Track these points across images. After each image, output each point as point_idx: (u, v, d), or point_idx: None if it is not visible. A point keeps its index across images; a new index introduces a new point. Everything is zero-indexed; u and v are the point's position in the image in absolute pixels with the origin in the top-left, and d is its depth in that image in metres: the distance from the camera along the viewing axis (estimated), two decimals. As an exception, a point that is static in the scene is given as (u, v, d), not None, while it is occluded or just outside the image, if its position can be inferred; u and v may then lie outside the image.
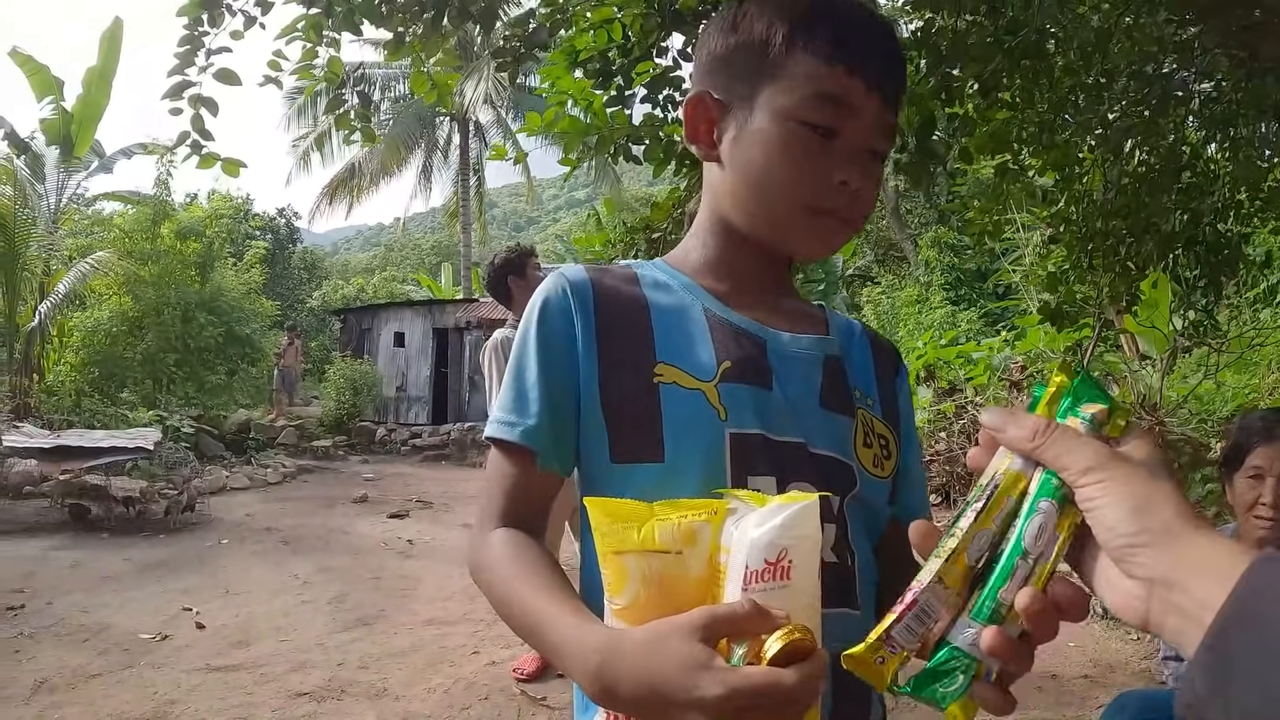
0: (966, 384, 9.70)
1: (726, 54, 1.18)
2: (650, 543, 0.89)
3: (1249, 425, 2.73)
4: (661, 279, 1.21)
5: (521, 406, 1.13)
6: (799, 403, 1.12)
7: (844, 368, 1.22)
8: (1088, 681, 4.82)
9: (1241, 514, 2.68)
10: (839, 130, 1.10)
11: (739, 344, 1.14)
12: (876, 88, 1.11)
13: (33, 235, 15.22)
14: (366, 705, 4.70)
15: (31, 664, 5.41)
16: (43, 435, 11.18)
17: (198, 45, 3.16)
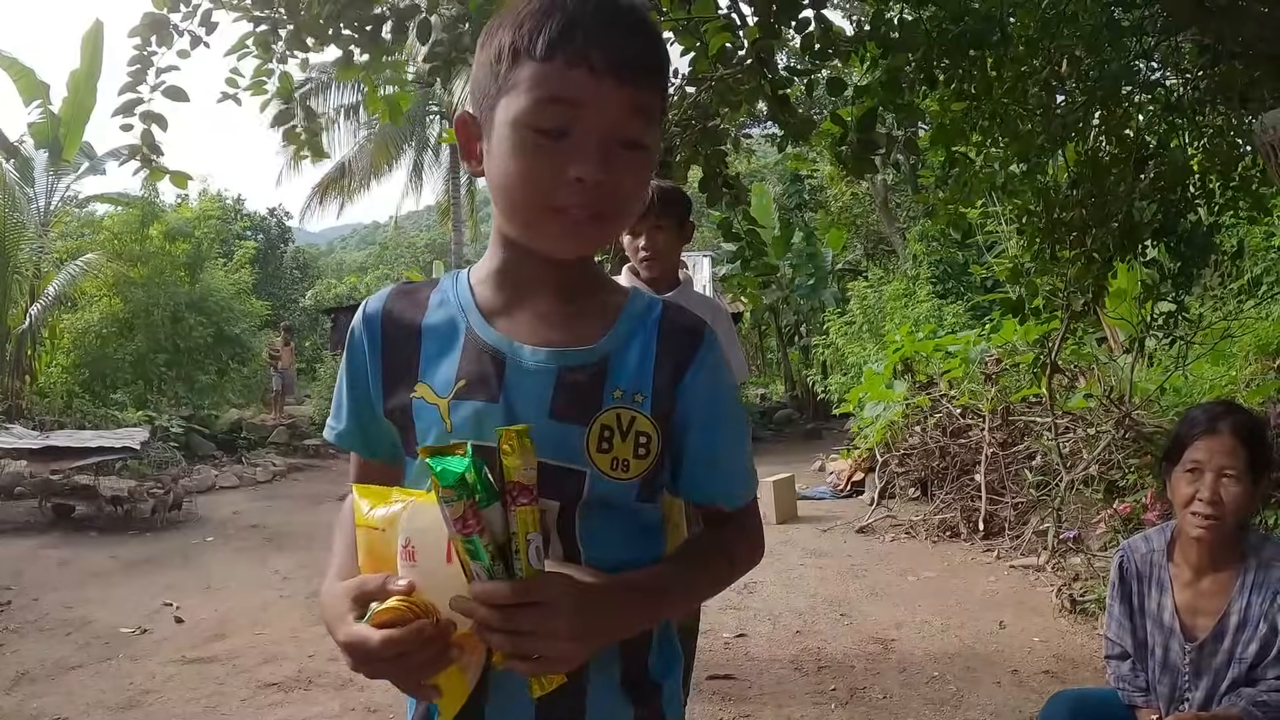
0: (942, 377, 9.73)
1: (477, 72, 1.22)
2: (369, 521, 1.14)
3: (1191, 418, 2.65)
4: (449, 297, 1.31)
5: (336, 414, 1.38)
6: (525, 416, 1.19)
7: (591, 374, 1.23)
8: (1048, 676, 4.78)
9: (1179, 510, 2.59)
10: (569, 128, 1.11)
11: (479, 362, 1.24)
12: (609, 73, 1.10)
13: (23, 238, 15.28)
14: (332, 695, 4.77)
15: (14, 656, 5.53)
16: (32, 436, 11.26)
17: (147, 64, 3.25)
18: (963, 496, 8.61)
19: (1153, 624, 2.69)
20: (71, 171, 16.91)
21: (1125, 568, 2.75)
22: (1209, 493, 2.48)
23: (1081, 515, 7.23)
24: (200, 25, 3.29)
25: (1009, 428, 8.71)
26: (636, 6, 1.17)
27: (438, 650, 1.04)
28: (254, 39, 3.46)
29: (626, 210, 1.23)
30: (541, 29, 1.10)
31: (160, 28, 3.31)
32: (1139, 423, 7.41)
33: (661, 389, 1.24)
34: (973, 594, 6.43)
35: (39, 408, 14.78)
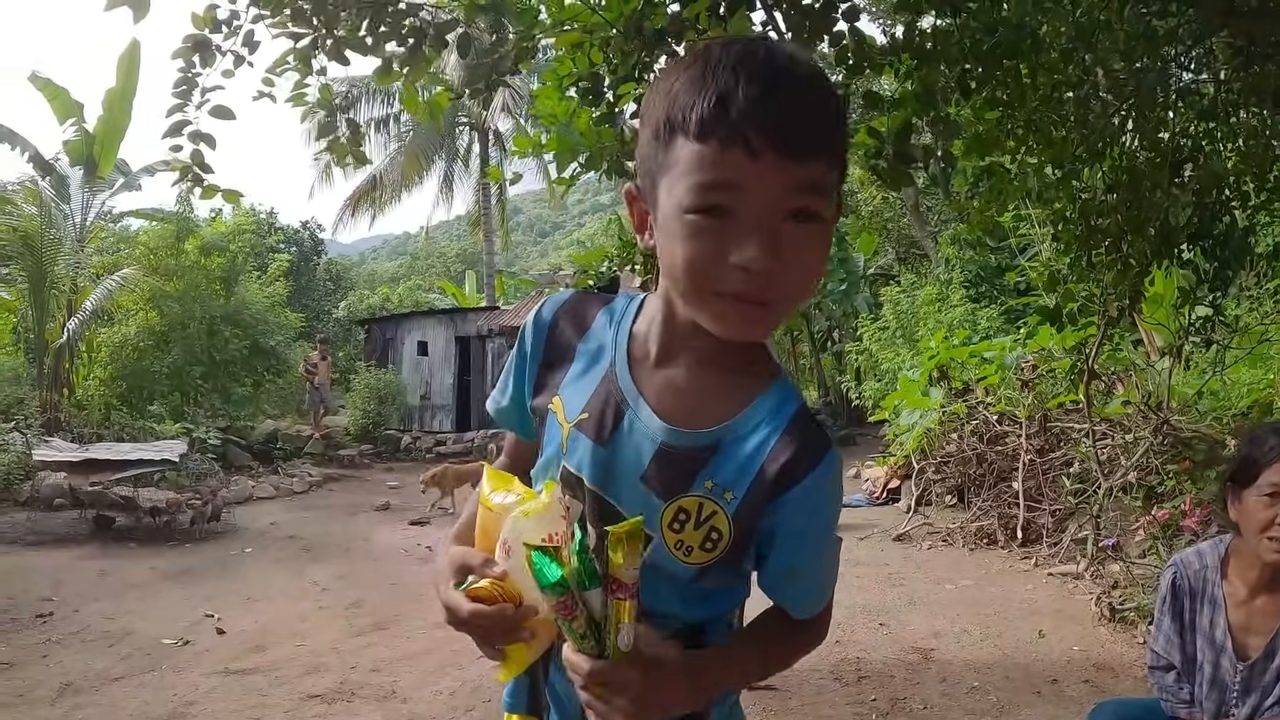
0: (978, 384, 9.68)
1: (641, 145, 1.17)
2: (488, 502, 1.29)
3: (1263, 439, 2.55)
4: (609, 326, 1.35)
5: (502, 390, 1.46)
6: (623, 468, 1.25)
7: (691, 455, 1.23)
8: (1088, 687, 4.76)
9: (1254, 534, 2.50)
10: (733, 209, 1.05)
11: (605, 402, 1.28)
12: (771, 150, 1.02)
13: (60, 254, 15.46)
14: (374, 707, 4.79)
15: (58, 668, 5.56)
16: (71, 449, 11.38)
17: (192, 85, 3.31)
18: (1000, 504, 8.57)
19: (1203, 640, 2.66)
20: (107, 188, 17.07)
21: (1178, 584, 2.72)
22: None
23: (1120, 522, 7.18)
24: (243, 45, 3.34)
25: (1046, 434, 8.67)
26: (798, 67, 1.08)
27: (513, 629, 1.19)
28: (294, 54, 3.51)
29: (801, 290, 1.15)
30: (694, 106, 1.05)
31: (203, 49, 3.37)
32: (1177, 428, 7.34)
33: (757, 495, 1.22)
34: (1011, 602, 6.40)
35: (77, 420, 14.93)
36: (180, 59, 3.30)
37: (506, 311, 21.01)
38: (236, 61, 3.32)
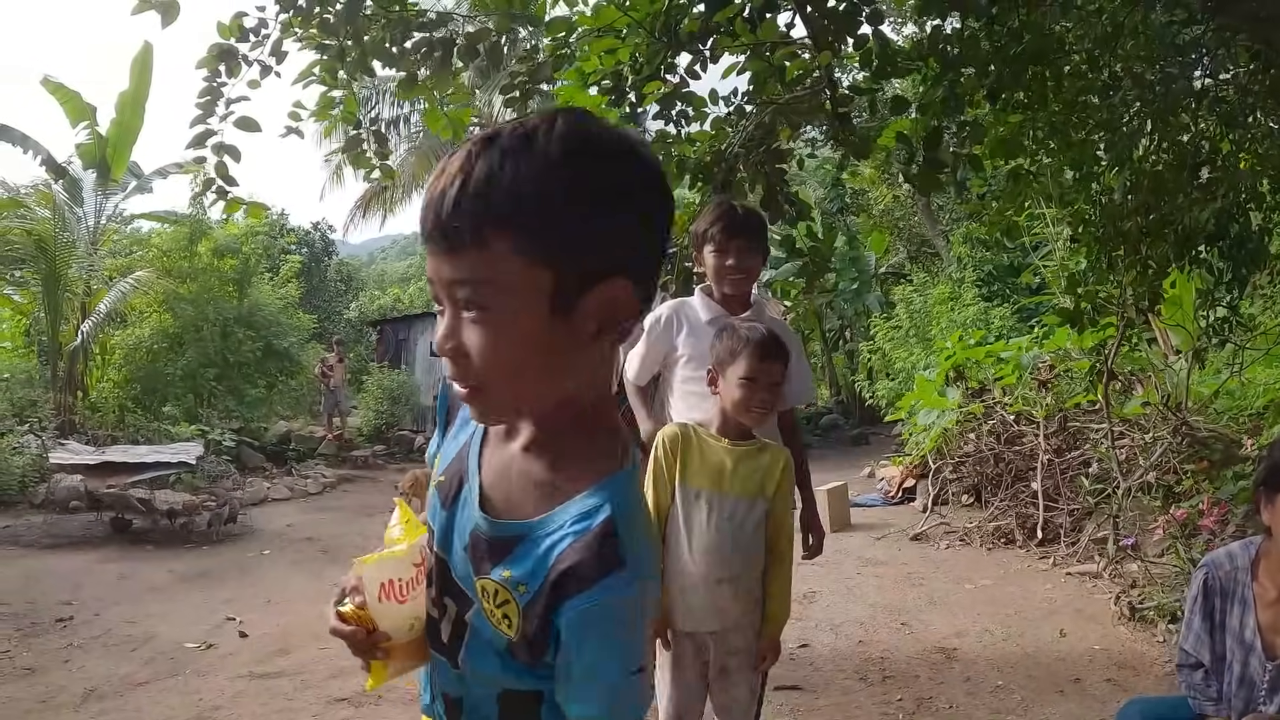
0: (995, 384, 9.67)
1: None
2: (387, 534, 1.40)
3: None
4: None
5: (434, 436, 1.54)
6: (456, 535, 1.31)
7: (498, 544, 1.23)
8: (1111, 685, 4.77)
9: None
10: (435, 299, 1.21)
11: (456, 472, 1.36)
12: (434, 243, 1.14)
13: (73, 256, 15.50)
14: (402, 710, 4.80)
15: (81, 673, 5.56)
16: (88, 451, 11.42)
17: (217, 95, 3.31)
18: (1018, 503, 8.57)
19: (1233, 640, 2.68)
20: (119, 191, 17.10)
21: (1210, 584, 2.73)
22: None
23: (1138, 522, 7.17)
24: (270, 55, 3.34)
25: (1064, 434, 8.66)
26: (495, 150, 1.12)
27: (367, 650, 1.33)
28: (320, 66, 3.51)
29: (484, 373, 1.17)
30: None
31: (229, 58, 3.37)
32: (1194, 428, 7.34)
33: (542, 597, 1.17)
34: (1031, 602, 6.40)
35: (92, 422, 14.98)
36: (205, 68, 3.29)
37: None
38: (263, 72, 3.32)
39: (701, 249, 3.55)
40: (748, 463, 2.88)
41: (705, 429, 2.93)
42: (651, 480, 2.88)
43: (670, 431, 2.93)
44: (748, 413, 2.83)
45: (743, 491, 2.86)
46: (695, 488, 2.87)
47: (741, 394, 2.80)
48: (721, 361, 2.87)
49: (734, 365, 2.82)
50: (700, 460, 2.88)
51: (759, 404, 2.82)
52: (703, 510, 2.85)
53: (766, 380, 2.80)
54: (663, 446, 2.90)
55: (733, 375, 2.82)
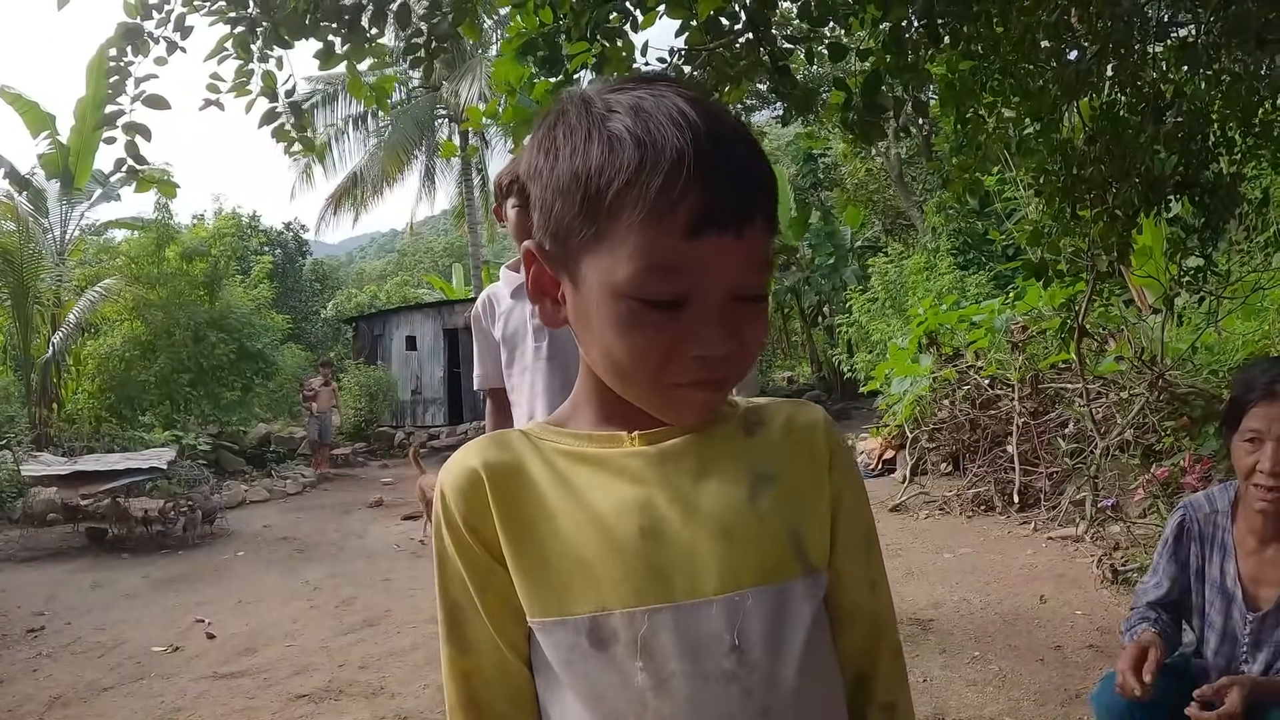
0: (968, 348, 9.60)
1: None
2: None
3: (1248, 380, 2.44)
4: None
5: None
6: None
7: None
8: (1093, 652, 4.66)
9: (1241, 481, 2.43)
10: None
11: None
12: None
13: (41, 268, 15.35)
14: (363, 704, 4.73)
15: (48, 681, 5.53)
16: (60, 463, 11.30)
17: (125, 74, 3.22)
18: (995, 469, 8.51)
19: (1212, 589, 2.54)
20: (85, 199, 16.94)
21: (1186, 527, 2.58)
22: (1270, 463, 2.30)
23: (1119, 482, 7.11)
24: (175, 31, 3.23)
25: (1039, 396, 8.59)
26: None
27: None
28: (232, 40, 3.40)
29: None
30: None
31: (135, 36, 3.27)
32: (1172, 383, 7.27)
33: None
34: (1011, 568, 6.33)
35: (67, 434, 14.89)
36: (113, 48, 3.20)
37: (493, 302, 20.96)
38: (170, 48, 3.22)
39: (503, 203, 3.13)
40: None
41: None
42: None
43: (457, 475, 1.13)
44: None
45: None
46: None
47: None
48: None
49: None
50: None
51: None
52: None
53: None
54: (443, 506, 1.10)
55: None
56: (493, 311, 3.32)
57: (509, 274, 3.32)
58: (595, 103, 0.93)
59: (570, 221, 0.92)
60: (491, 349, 3.33)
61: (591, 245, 0.92)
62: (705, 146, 0.87)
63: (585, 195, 0.90)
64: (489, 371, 3.37)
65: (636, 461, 0.99)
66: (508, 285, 3.28)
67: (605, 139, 0.89)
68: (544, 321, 1.03)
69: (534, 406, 3.13)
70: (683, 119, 0.88)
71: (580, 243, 0.92)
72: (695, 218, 0.87)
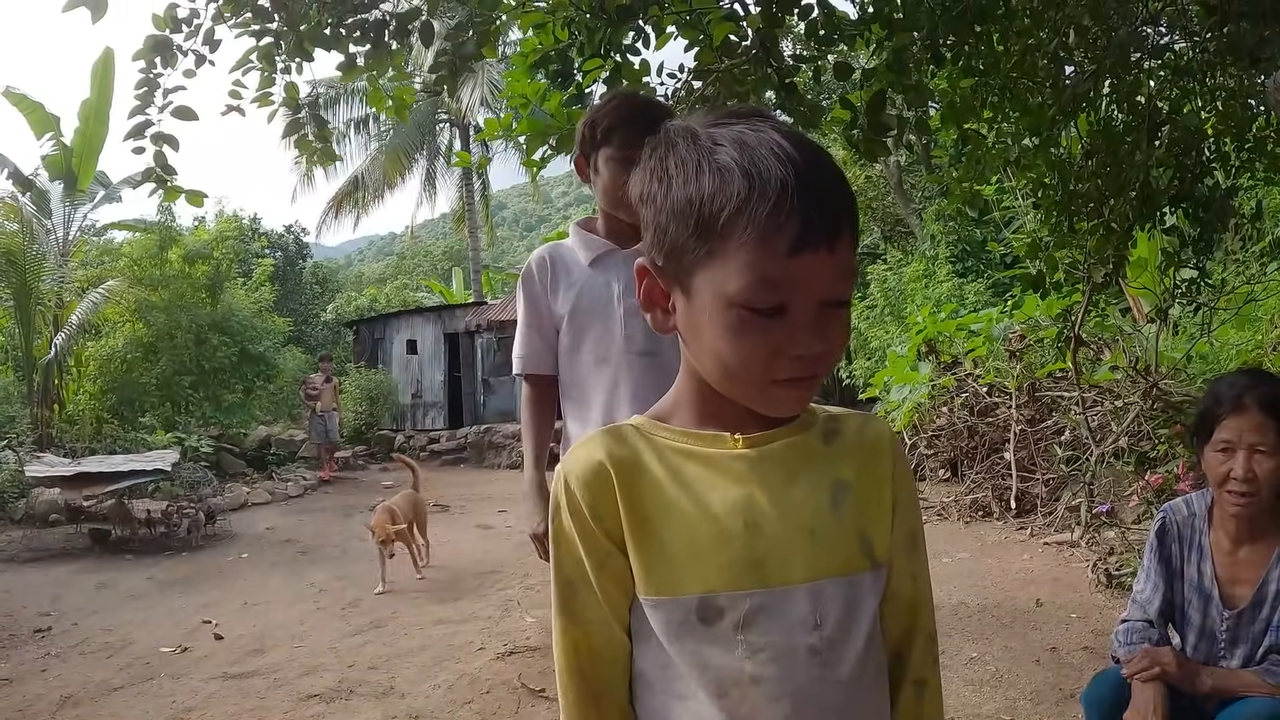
0: (966, 356, 9.69)
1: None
2: None
3: (1217, 393, 2.59)
4: None
5: None
6: None
7: None
8: (1088, 653, 4.75)
9: (1215, 489, 2.58)
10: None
11: None
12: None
13: (44, 269, 15.39)
14: (373, 704, 4.80)
15: (57, 681, 5.57)
16: (64, 464, 11.35)
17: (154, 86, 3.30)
18: (993, 475, 8.60)
19: (1190, 589, 2.68)
20: (87, 201, 16.99)
21: (1166, 529, 2.74)
22: (1242, 470, 2.45)
23: (1113, 489, 7.19)
24: (204, 44, 3.33)
25: (1036, 404, 8.69)
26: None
27: None
28: (257, 53, 3.50)
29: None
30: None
31: (164, 49, 3.36)
32: (1166, 392, 7.37)
33: None
34: (1008, 573, 6.42)
35: (69, 435, 14.92)
36: (142, 60, 3.29)
37: (494, 306, 21.04)
38: (198, 61, 3.31)
39: (593, 155, 2.63)
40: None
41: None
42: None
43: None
44: None
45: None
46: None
47: None
48: None
49: None
50: None
51: None
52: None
53: None
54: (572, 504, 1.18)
55: None
56: (556, 277, 2.73)
57: (584, 234, 2.76)
58: (701, 136, 1.08)
59: (684, 242, 1.07)
60: (544, 325, 2.74)
61: (704, 262, 1.06)
62: (803, 177, 1.02)
63: (699, 219, 1.05)
64: (536, 352, 2.77)
65: (740, 463, 1.14)
66: (585, 249, 2.72)
67: (716, 170, 1.04)
68: (655, 328, 1.18)
69: (614, 407, 2.61)
70: (782, 152, 1.03)
71: (693, 260, 1.07)
72: (795, 240, 1.01)
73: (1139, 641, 2.68)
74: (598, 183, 2.63)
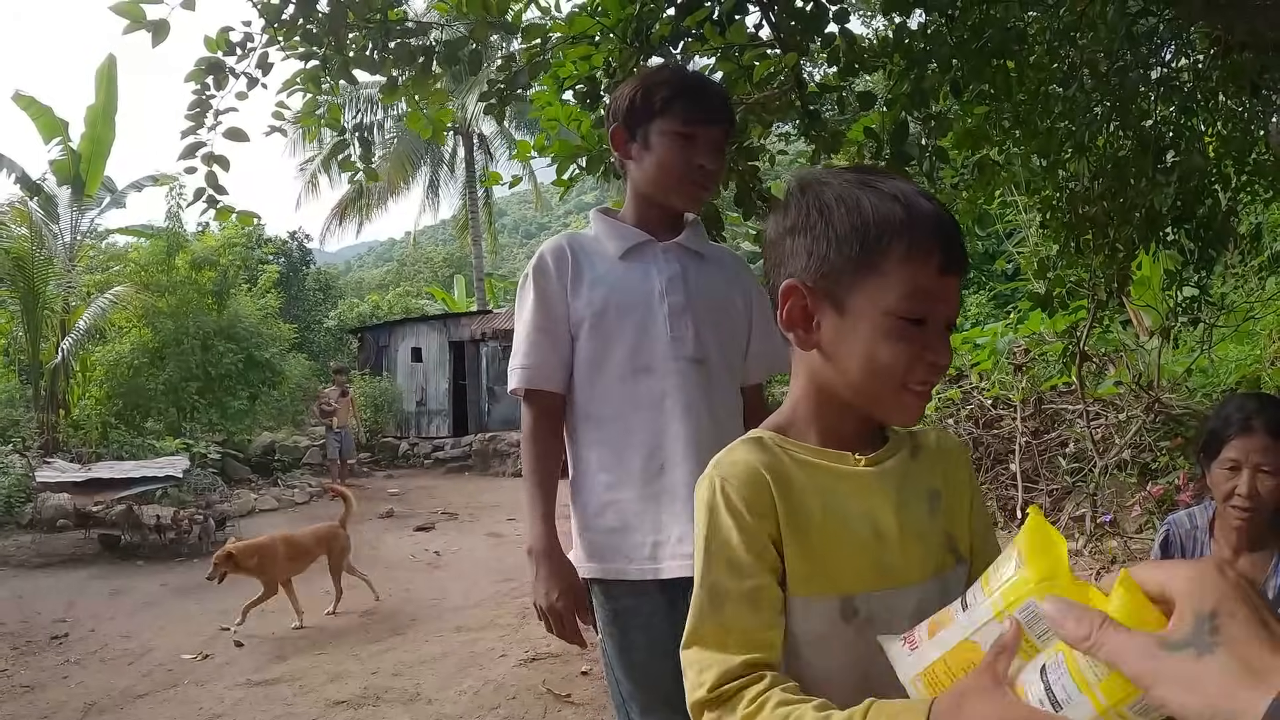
0: (971, 369, 9.80)
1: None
2: None
3: (1226, 415, 2.71)
4: None
5: None
6: None
7: None
8: (1091, 660, 4.87)
9: (1219, 503, 2.70)
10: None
11: None
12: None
13: (51, 274, 15.45)
14: (401, 709, 4.90)
15: (80, 688, 5.63)
16: (74, 469, 11.41)
17: (206, 107, 3.40)
18: (999, 486, 8.69)
19: None
20: (94, 206, 17.07)
21: (1170, 540, 2.89)
22: (1247, 489, 2.57)
23: (1116, 499, 7.30)
24: (257, 67, 3.44)
25: (1041, 417, 8.79)
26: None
27: None
28: (303, 75, 3.61)
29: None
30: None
31: (216, 71, 3.46)
32: (1168, 406, 7.49)
33: None
34: (1012, 583, 6.50)
35: (74, 440, 14.98)
36: (194, 81, 3.39)
37: (499, 315, 21.10)
38: (250, 83, 3.42)
39: (643, 128, 2.27)
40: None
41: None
42: None
43: None
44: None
45: None
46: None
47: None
48: None
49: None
50: None
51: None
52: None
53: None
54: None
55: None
56: (580, 272, 2.30)
57: (612, 223, 2.39)
58: (848, 175, 1.30)
59: (845, 263, 1.24)
60: (559, 330, 2.28)
61: (863, 279, 1.23)
62: (944, 215, 1.25)
63: (864, 241, 1.23)
64: (546, 364, 2.28)
65: (864, 479, 1.29)
66: (615, 238, 2.34)
67: (878, 201, 1.24)
68: (797, 345, 1.32)
69: (664, 425, 2.21)
70: (923, 194, 1.26)
71: (852, 279, 1.24)
72: (944, 260, 1.22)
73: None
74: (645, 159, 2.27)
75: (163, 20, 3.08)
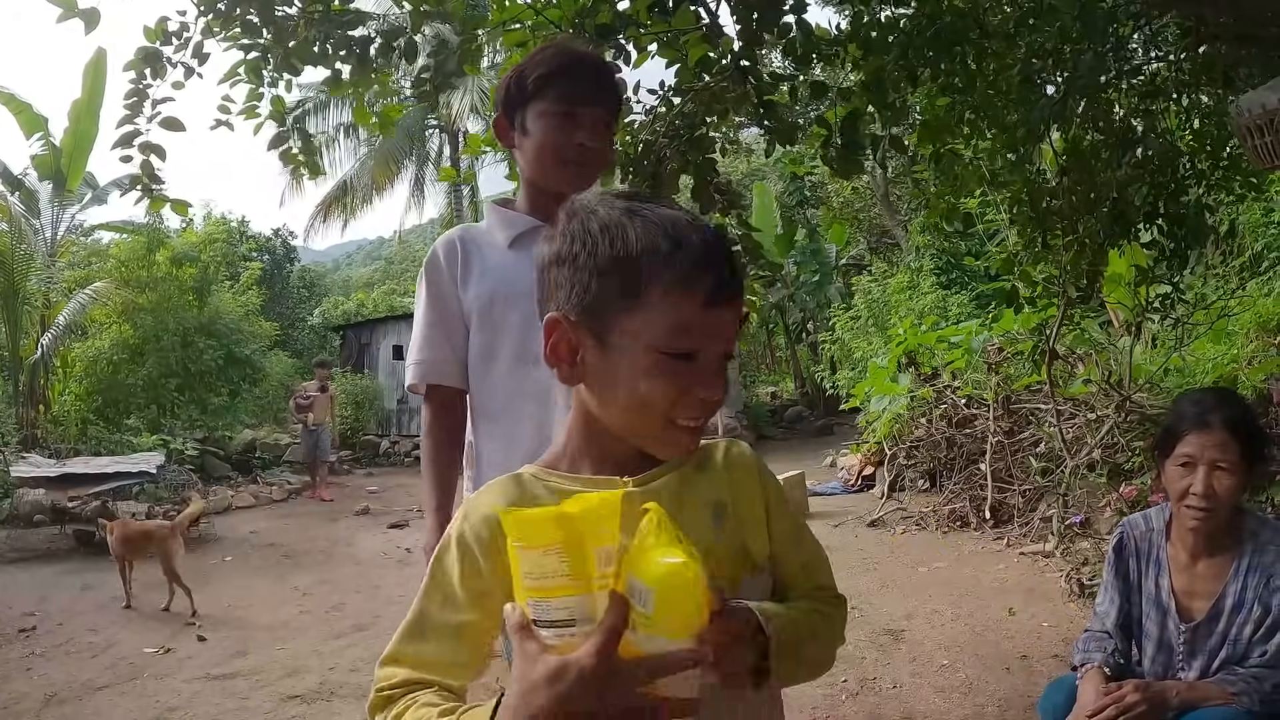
0: (945, 368, 9.79)
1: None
2: None
3: (1181, 410, 2.65)
4: None
5: None
6: None
7: None
8: (1057, 661, 4.82)
9: (1174, 503, 2.63)
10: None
11: None
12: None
13: (31, 269, 15.40)
14: (354, 706, 4.87)
15: (42, 679, 5.65)
16: (49, 465, 11.37)
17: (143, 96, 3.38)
18: (971, 486, 8.68)
19: (1148, 602, 2.73)
20: (76, 202, 17.00)
21: (1124, 543, 2.80)
22: (1202, 486, 2.51)
23: (1087, 500, 7.29)
24: (193, 57, 3.42)
25: (1013, 416, 8.78)
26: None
27: None
28: (244, 66, 3.59)
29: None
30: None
31: (153, 61, 3.44)
32: (1140, 405, 7.47)
33: None
34: (982, 582, 6.50)
35: (54, 436, 14.93)
36: (132, 70, 3.37)
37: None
38: (186, 73, 3.40)
39: (520, 112, 2.23)
40: None
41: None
42: None
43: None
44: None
45: None
46: None
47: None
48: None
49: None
50: None
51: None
52: None
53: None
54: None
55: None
56: (469, 265, 2.28)
57: (502, 212, 2.35)
58: (618, 204, 1.23)
59: (608, 295, 1.19)
60: (453, 325, 2.27)
61: (626, 313, 1.19)
62: (713, 244, 1.20)
63: (626, 273, 1.18)
64: (442, 359, 2.27)
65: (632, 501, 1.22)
66: (503, 228, 2.30)
67: (642, 231, 1.18)
68: (561, 380, 1.28)
69: (550, 417, 2.12)
70: (693, 222, 1.21)
71: (614, 312, 1.19)
72: (710, 293, 1.17)
73: (1095, 650, 2.75)
74: (525, 145, 2.22)
75: (93, 9, 3.06)
